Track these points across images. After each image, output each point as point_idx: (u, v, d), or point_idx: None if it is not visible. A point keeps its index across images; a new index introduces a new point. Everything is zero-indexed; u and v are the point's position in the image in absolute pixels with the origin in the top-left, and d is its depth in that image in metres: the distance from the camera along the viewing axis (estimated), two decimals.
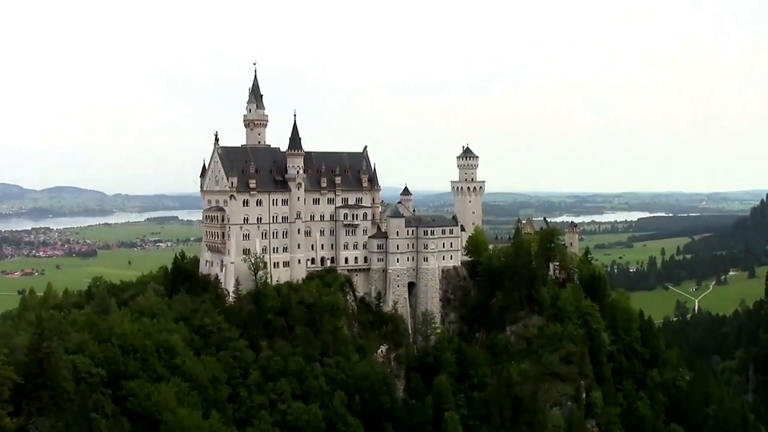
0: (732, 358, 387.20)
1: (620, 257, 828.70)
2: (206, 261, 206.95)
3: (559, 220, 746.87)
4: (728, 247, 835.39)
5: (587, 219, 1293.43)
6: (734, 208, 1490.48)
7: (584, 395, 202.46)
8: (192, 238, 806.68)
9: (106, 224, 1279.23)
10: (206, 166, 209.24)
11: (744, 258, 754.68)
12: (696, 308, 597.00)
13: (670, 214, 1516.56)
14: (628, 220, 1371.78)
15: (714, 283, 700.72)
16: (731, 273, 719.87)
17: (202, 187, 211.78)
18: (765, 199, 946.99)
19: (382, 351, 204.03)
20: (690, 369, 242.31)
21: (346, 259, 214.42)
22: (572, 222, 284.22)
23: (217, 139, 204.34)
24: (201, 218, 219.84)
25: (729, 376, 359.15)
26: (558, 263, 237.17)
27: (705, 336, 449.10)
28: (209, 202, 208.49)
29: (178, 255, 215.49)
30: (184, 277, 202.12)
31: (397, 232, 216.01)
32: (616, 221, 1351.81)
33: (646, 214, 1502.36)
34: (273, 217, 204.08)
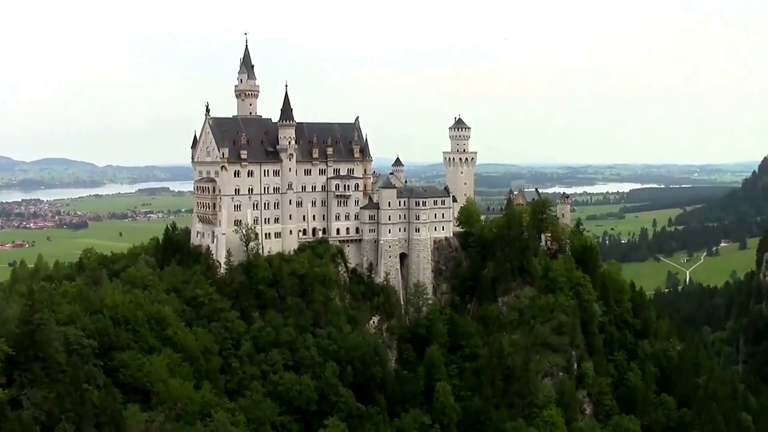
0: (723, 329, 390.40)
1: (612, 228, 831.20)
2: (197, 232, 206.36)
3: (550, 191, 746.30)
4: (720, 219, 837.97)
5: (579, 190, 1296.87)
6: (726, 180, 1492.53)
7: (575, 366, 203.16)
8: (183, 210, 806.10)
9: (96, 196, 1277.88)
10: (197, 137, 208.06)
11: (735, 229, 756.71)
12: (687, 279, 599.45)
13: (662, 186, 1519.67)
14: (619, 191, 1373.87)
15: (705, 254, 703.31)
16: (722, 244, 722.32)
17: (193, 158, 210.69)
18: (756, 171, 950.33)
19: (373, 322, 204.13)
20: (681, 340, 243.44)
21: (338, 230, 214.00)
22: (564, 193, 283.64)
23: (208, 110, 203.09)
24: (192, 189, 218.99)
25: (719, 347, 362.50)
26: (550, 234, 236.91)
27: (696, 307, 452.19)
28: (200, 173, 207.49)
29: (169, 226, 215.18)
30: (175, 249, 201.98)
31: (389, 203, 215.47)
32: (607, 192, 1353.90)
33: (638, 186, 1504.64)
34: (264, 188, 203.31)
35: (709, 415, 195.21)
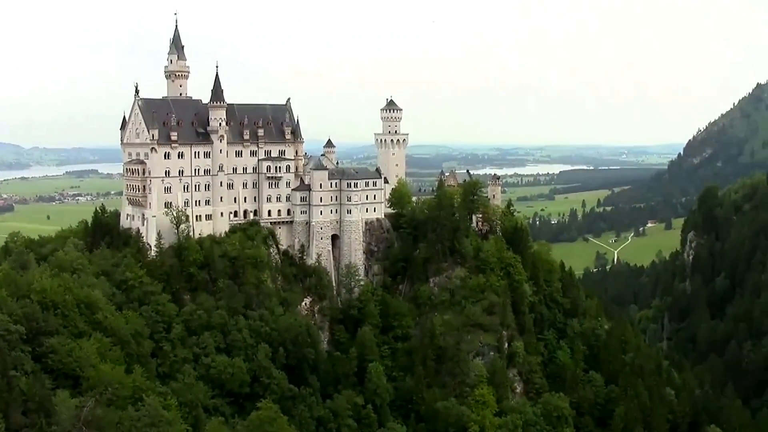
0: (649, 307, 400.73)
1: (542, 209, 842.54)
2: (127, 215, 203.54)
3: (482, 172, 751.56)
4: (647, 200, 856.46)
5: (510, 171, 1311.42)
6: (653, 162, 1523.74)
7: (506, 345, 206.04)
8: (112, 192, 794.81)
9: (22, 178, 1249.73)
10: (126, 118, 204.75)
11: (661, 210, 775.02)
12: (615, 259, 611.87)
13: (591, 167, 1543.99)
14: (550, 172, 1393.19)
15: (633, 234, 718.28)
16: (649, 225, 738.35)
17: (122, 139, 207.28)
18: (682, 153, 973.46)
19: (305, 303, 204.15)
20: (609, 318, 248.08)
21: (269, 212, 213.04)
22: (495, 174, 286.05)
23: (137, 91, 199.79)
24: (121, 171, 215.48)
25: (645, 324, 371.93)
26: (481, 215, 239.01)
27: (623, 286, 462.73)
28: (130, 155, 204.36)
29: (98, 209, 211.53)
30: (104, 232, 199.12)
31: (321, 184, 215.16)
32: (538, 174, 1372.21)
33: (568, 167, 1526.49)
34: (195, 169, 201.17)
35: (635, 391, 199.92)
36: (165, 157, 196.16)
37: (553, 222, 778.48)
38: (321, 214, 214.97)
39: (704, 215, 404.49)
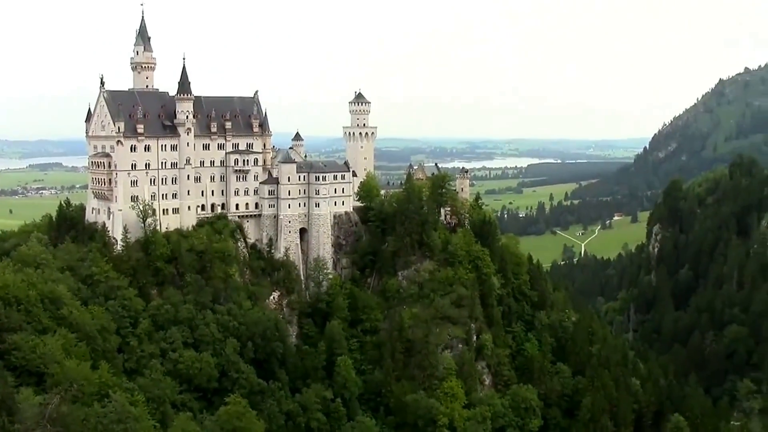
0: (615, 299, 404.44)
1: (510, 202, 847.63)
2: (93, 209, 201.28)
3: (450, 165, 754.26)
4: (613, 193, 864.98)
5: (478, 165, 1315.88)
6: (619, 155, 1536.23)
7: (475, 338, 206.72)
8: (77, 185, 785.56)
9: None
10: (91, 110, 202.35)
11: (628, 203, 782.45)
12: (582, 252, 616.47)
13: (559, 161, 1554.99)
14: (518, 166, 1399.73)
15: (599, 227, 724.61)
16: (615, 218, 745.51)
17: (87, 132, 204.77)
18: (648, 147, 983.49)
19: (274, 297, 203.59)
20: (576, 310, 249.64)
21: (237, 206, 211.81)
22: (463, 168, 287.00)
23: (102, 83, 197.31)
24: (86, 164, 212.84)
25: (612, 316, 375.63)
26: (449, 208, 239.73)
27: (590, 278, 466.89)
28: (95, 147, 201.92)
29: (62, 203, 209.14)
30: (69, 226, 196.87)
31: (289, 177, 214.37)
32: (506, 167, 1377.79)
33: (536, 161, 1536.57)
34: (162, 163, 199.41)
35: (602, 382, 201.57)
36: (131, 150, 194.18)
37: (521, 215, 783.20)
38: (289, 207, 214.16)
39: (669, 208, 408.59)
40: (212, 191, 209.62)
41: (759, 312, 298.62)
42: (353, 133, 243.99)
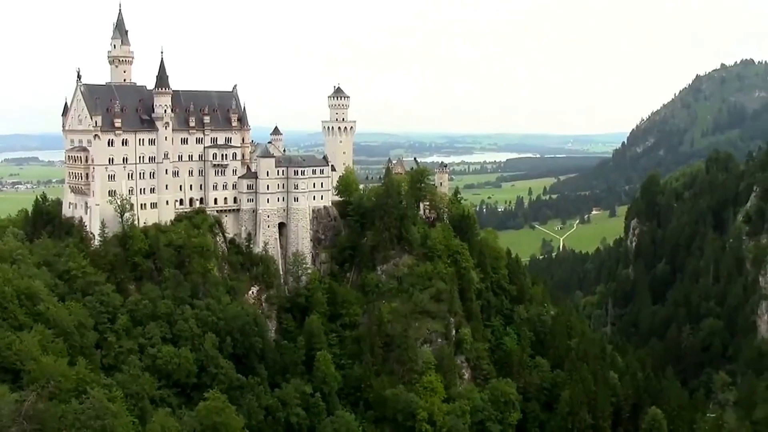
0: (593, 293, 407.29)
1: (489, 197, 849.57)
2: (70, 203, 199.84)
3: (429, 160, 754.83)
4: (591, 188, 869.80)
5: (457, 159, 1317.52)
6: (598, 150, 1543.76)
7: (454, 332, 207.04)
8: (54, 180, 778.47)
9: None
10: (68, 104, 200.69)
11: (606, 198, 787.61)
12: (561, 246, 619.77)
13: (538, 156, 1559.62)
14: (497, 160, 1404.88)
15: (578, 222, 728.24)
16: (594, 212, 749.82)
17: (64, 126, 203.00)
18: (626, 142, 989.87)
19: (253, 292, 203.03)
20: (554, 304, 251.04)
21: (216, 200, 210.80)
22: (442, 162, 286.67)
23: (79, 76, 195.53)
24: (63, 159, 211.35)
25: (590, 310, 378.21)
26: (428, 203, 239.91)
27: (569, 273, 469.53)
28: (72, 141, 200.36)
29: (39, 197, 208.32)
30: (46, 221, 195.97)
31: (267, 172, 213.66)
32: (485, 162, 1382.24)
33: (515, 155, 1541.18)
34: (140, 157, 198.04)
35: (580, 375, 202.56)
36: (108, 145, 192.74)
37: (499, 209, 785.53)
38: (268, 202, 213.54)
39: (646, 203, 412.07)
40: (190, 186, 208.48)
41: (734, 305, 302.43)
42: (332, 127, 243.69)
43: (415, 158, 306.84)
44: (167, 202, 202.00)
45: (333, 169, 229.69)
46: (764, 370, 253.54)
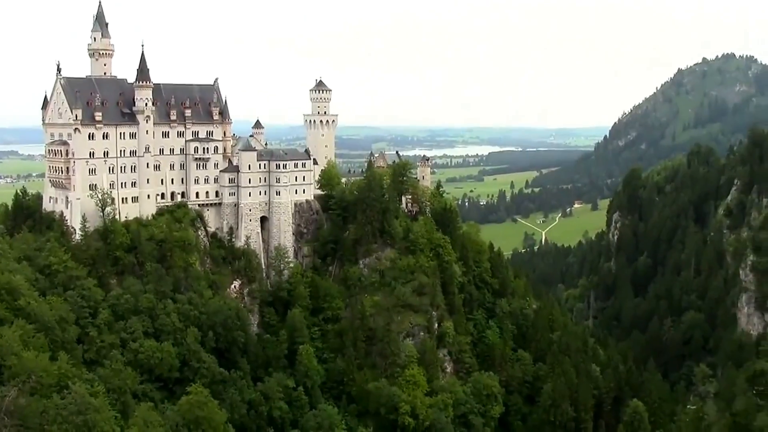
0: (575, 286, 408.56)
1: (471, 190, 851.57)
2: (50, 197, 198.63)
3: (411, 153, 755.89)
4: (573, 181, 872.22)
5: (439, 153, 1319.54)
6: (580, 144, 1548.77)
7: (436, 325, 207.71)
8: (34, 174, 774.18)
9: None
10: (48, 97, 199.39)
11: (588, 191, 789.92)
12: (543, 240, 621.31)
13: (520, 149, 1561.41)
14: (479, 154, 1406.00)
15: (560, 215, 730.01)
16: (576, 206, 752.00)
17: (43, 119, 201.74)
18: (608, 135, 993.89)
19: (235, 286, 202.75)
20: (536, 298, 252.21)
21: (197, 194, 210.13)
22: (424, 156, 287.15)
23: (59, 69, 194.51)
24: (43, 153, 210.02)
25: (572, 303, 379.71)
26: (410, 196, 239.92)
27: (551, 266, 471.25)
28: (52, 135, 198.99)
29: (19, 191, 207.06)
30: (26, 215, 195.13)
31: (249, 165, 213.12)
32: (467, 155, 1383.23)
33: (497, 149, 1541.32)
34: (120, 151, 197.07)
35: (562, 368, 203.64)
36: (89, 138, 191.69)
37: (482, 203, 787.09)
38: (250, 195, 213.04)
39: (628, 196, 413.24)
40: (172, 179, 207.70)
41: (715, 298, 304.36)
42: (314, 120, 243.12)
43: (397, 152, 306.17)
44: (148, 196, 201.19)
45: (315, 162, 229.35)
46: (744, 362, 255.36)
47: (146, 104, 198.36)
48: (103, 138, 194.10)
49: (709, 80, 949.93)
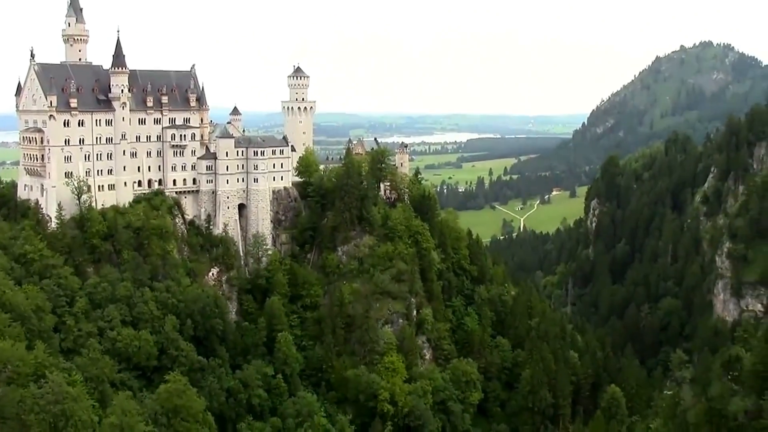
0: (553, 273, 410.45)
1: (450, 177, 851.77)
2: (25, 185, 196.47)
3: (390, 140, 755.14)
4: (552, 168, 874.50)
5: (418, 140, 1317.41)
6: (558, 131, 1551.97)
7: (415, 312, 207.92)
8: (8, 162, 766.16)
9: None
10: (22, 84, 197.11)
11: (566, 178, 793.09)
12: (521, 227, 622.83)
13: (499, 136, 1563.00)
14: (457, 141, 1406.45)
15: (538, 202, 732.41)
16: (554, 193, 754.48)
17: (17, 106, 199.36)
18: (586, 123, 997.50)
19: (213, 274, 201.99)
20: (515, 285, 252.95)
21: (174, 181, 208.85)
22: (403, 142, 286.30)
23: (33, 55, 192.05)
24: (18, 140, 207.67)
25: (551, 290, 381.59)
26: (388, 183, 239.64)
27: (529, 253, 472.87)
28: (26, 122, 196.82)
29: None
30: (0, 203, 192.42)
31: (227, 152, 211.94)
32: (446, 142, 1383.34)
33: (476, 136, 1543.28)
34: (96, 138, 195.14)
35: (541, 355, 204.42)
36: (64, 125, 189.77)
37: (460, 190, 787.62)
38: (227, 183, 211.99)
39: (606, 184, 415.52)
40: (149, 167, 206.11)
41: (692, 285, 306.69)
42: (292, 107, 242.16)
43: (375, 138, 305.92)
44: (125, 183, 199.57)
45: (293, 149, 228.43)
46: (719, 348, 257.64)
47: (122, 91, 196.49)
48: (79, 125, 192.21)
49: (687, 68, 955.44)
